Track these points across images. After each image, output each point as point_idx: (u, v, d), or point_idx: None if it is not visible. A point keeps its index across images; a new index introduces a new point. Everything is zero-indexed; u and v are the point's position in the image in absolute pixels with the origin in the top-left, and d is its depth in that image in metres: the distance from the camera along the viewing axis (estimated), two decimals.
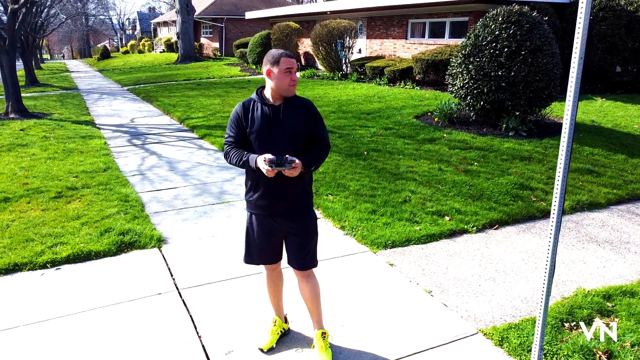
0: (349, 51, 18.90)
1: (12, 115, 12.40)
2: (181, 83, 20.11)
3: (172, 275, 4.26)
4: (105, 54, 44.28)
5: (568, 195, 6.23)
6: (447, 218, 5.43)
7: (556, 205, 2.78)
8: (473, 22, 15.18)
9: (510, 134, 8.68)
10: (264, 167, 2.72)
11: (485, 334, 3.46)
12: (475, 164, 7.27)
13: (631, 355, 3.23)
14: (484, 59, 8.54)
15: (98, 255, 4.60)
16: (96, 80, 25.37)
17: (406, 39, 17.94)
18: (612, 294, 4.01)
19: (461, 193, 6.13)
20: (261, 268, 3.64)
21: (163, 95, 16.50)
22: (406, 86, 14.96)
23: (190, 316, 3.65)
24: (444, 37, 16.39)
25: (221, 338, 3.39)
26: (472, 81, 8.72)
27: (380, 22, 19.19)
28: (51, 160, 8.07)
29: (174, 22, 47.29)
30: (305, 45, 24.02)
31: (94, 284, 4.13)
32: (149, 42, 47.65)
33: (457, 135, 8.68)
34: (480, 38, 8.69)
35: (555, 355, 3.25)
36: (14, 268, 4.37)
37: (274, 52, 2.85)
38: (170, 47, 43.82)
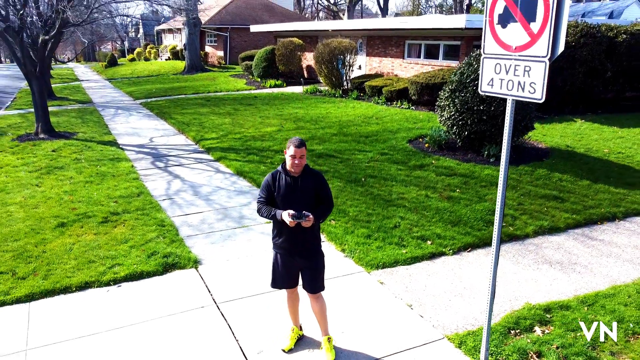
0: (349, 68, 20.07)
1: (41, 135, 13.58)
2: (191, 98, 21.28)
3: (209, 292, 5.44)
4: (113, 61, 45.48)
5: (532, 220, 7.40)
6: (429, 242, 6.60)
7: (495, 243, 3.96)
8: (465, 46, 16.36)
9: (491, 160, 9.85)
10: (287, 219, 3.89)
11: (449, 339, 4.64)
12: (458, 190, 8.44)
13: (555, 355, 4.41)
14: (467, 94, 9.71)
15: (149, 274, 5.79)
16: (108, 92, 26.53)
17: (403, 58, 19.11)
18: (552, 308, 5.19)
19: (442, 219, 7.30)
20: (282, 296, 4.81)
21: (176, 111, 17.67)
22: (402, 106, 16.13)
23: (228, 324, 4.83)
24: (438, 59, 17.56)
25: (253, 341, 4.57)
26: (457, 113, 9.90)
27: (379, 42, 20.37)
28: (89, 184, 9.25)
29: (179, 29, 48.52)
30: (308, 59, 25.20)
31: (150, 299, 5.32)
32: (154, 50, 48.84)
33: (444, 162, 9.85)
34: (464, 76, 9.86)
35: (499, 355, 4.42)
36: (85, 285, 5.55)
37: (292, 139, 4.02)
38: (175, 54, 45.01)
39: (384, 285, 5.59)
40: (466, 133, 9.99)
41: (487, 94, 3.94)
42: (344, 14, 46.77)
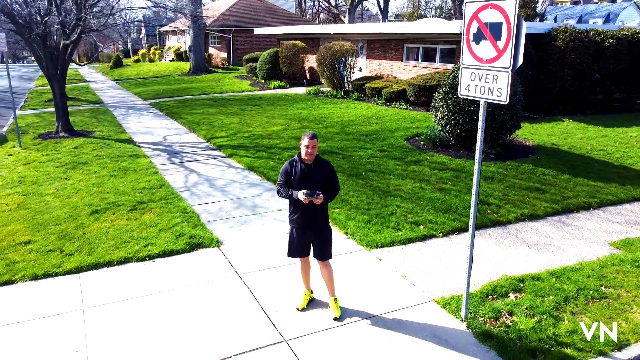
0: (350, 71, 20.96)
1: (62, 134, 14.48)
2: (198, 99, 22.17)
3: (232, 265, 6.33)
4: (118, 63, 46.36)
5: (515, 209, 8.29)
6: (421, 226, 7.49)
7: (472, 223, 4.84)
8: (460, 49, 17.22)
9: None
10: (302, 197, 4.77)
11: (436, 302, 5.53)
12: (449, 183, 9.34)
13: (523, 313, 5.29)
14: (459, 96, 10.58)
15: (178, 252, 6.68)
16: (116, 93, 27.40)
17: (402, 61, 20.01)
18: (525, 279, 6.07)
19: (434, 207, 8.19)
20: (296, 260, 5.68)
21: (185, 112, 18.56)
22: (401, 106, 17.03)
23: (250, 290, 5.72)
24: (435, 62, 18.45)
25: (271, 303, 5.46)
26: (450, 113, 10.79)
27: (379, 45, 21.26)
28: (113, 177, 10.15)
29: (182, 31, 49.43)
30: (310, 61, 26.09)
31: (181, 271, 6.21)
32: (159, 51, 49.74)
33: (438, 158, 10.74)
34: (457, 79, 10.74)
35: (477, 313, 5.31)
36: (124, 260, 6.44)
37: (306, 133, 4.90)
38: (179, 56, 45.91)
39: (381, 261, 6.48)
40: (458, 131, 10.88)
41: (465, 96, 4.84)
42: (344, 17, 47.68)
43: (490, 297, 5.68)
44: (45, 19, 12.97)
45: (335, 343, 4.83)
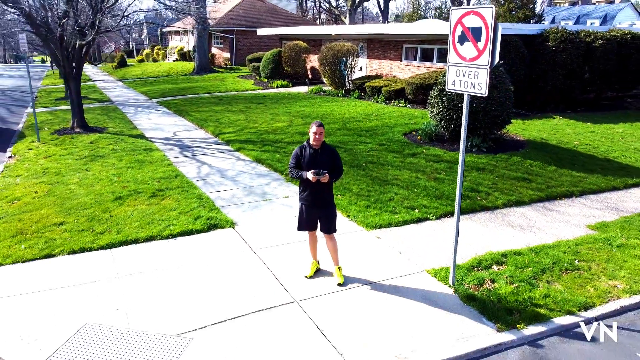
0: (351, 70, 21.71)
1: (77, 130, 15.23)
2: (204, 97, 22.94)
3: (246, 242, 7.09)
4: (123, 62, 47.12)
5: (503, 196, 9.04)
6: (416, 210, 8.24)
7: (457, 204, 5.60)
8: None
9: (474, 149, 11.49)
10: (310, 176, 5.51)
11: (427, 272, 6.28)
12: (443, 173, 10.09)
13: (504, 281, 6.04)
14: (453, 93, 11.34)
15: (197, 231, 7.43)
16: (123, 92, 28.14)
17: (401, 61, 20.76)
18: (508, 254, 6.82)
19: (429, 194, 8.94)
20: (304, 236, 6.42)
21: (192, 109, 19.31)
22: (399, 104, 17.78)
23: (263, 262, 6.48)
24: (433, 61, 19.20)
25: (283, 272, 6.21)
26: (445, 110, 11.54)
27: (379, 45, 22.02)
28: (131, 169, 10.90)
29: (186, 31, 50.21)
30: (312, 61, 26.84)
31: (201, 247, 6.96)
32: (162, 52, 50.48)
33: (433, 151, 11.50)
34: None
35: (463, 281, 6.05)
36: (150, 238, 7.20)
37: (314, 122, 5.64)
38: (183, 56, 46.68)
39: (380, 239, 7.23)
40: (452, 126, 11.63)
41: (451, 90, 5.59)
42: (345, 17, 48.39)
43: (475, 268, 6.43)
44: (63, 21, 13.72)
45: (339, 304, 5.58)
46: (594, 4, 67.75)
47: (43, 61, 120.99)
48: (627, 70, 18.15)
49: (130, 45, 74.38)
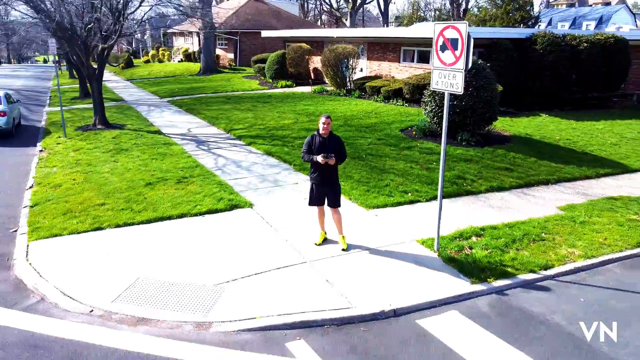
0: (352, 71, 22.94)
1: (99, 126, 16.47)
2: (212, 96, 24.17)
3: (263, 219, 8.33)
4: (129, 63, 48.34)
5: (486, 182, 10.27)
6: (409, 194, 9.48)
7: (440, 187, 6.84)
8: None
9: (463, 143, 12.73)
10: (320, 159, 6.75)
11: (417, 241, 7.52)
12: (434, 163, 11.32)
13: (479, 248, 7.28)
14: (431, 89, 12.57)
15: (221, 210, 8.67)
16: (134, 91, 29.36)
17: (399, 62, 22.00)
18: (485, 228, 8.06)
19: (421, 181, 10.18)
20: (314, 212, 7.64)
21: (202, 108, 20.55)
22: (397, 103, 19.02)
23: (280, 234, 7.72)
24: (429, 63, 20.41)
25: (296, 241, 7.45)
26: (437, 107, 12.77)
27: (379, 47, 23.26)
28: (155, 160, 12.14)
29: (190, 32, 51.42)
30: (315, 62, 28.07)
31: (225, 223, 8.20)
32: (167, 52, 51.72)
33: (426, 145, 12.73)
34: None
35: (446, 248, 7.29)
36: (181, 216, 8.44)
37: (323, 114, 6.88)
38: (188, 57, 47.91)
39: (377, 217, 8.47)
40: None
41: (435, 89, 6.82)
42: (346, 19, 49.58)
43: (457, 239, 7.66)
44: (89, 26, 14.97)
45: (343, 264, 6.82)
46: (590, 5, 68.96)
47: (45, 61, 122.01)
48: (611, 71, 19.36)
49: (134, 46, 75.51)
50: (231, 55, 43.71)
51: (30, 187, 10.41)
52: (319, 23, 77.59)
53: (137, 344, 5.14)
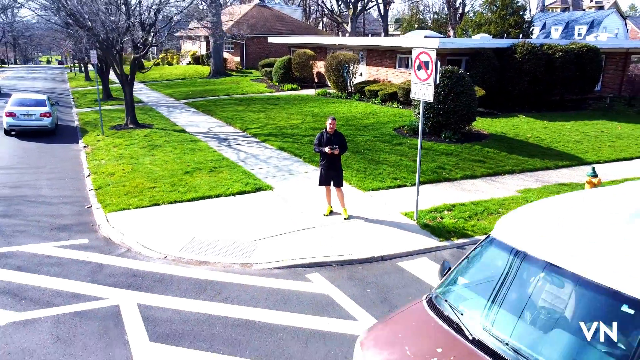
0: (353, 75, 25.25)
1: (130, 126, 18.80)
2: (225, 99, 26.49)
3: (282, 198, 10.66)
4: (140, 66, 50.58)
5: (462, 171, 12.57)
6: (398, 180, 11.79)
7: (418, 172, 9.17)
8: (440, 59, 21.48)
9: (446, 140, 15.03)
10: (327, 150, 9.07)
11: (401, 213, 9.84)
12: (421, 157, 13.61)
13: (448, 218, 9.60)
14: (411, 98, 14.85)
15: (248, 192, 10.99)
16: (150, 94, 31.68)
17: (395, 68, 24.31)
18: (456, 205, 10.37)
19: (408, 170, 12.48)
20: (322, 191, 9.94)
21: (217, 109, 22.87)
22: (393, 105, 21.32)
23: (296, 208, 10.05)
24: None
25: (309, 213, 9.78)
26: (424, 110, 15.05)
27: (377, 54, 25.57)
28: (186, 154, 14.46)
29: (198, 36, 53.73)
30: (318, 66, 30.38)
31: (253, 201, 10.52)
32: (177, 56, 54.00)
33: (415, 141, 15.03)
34: None
35: (423, 218, 9.60)
36: (217, 196, 10.77)
37: (329, 116, 9.20)
38: (196, 60, 50.23)
39: (372, 197, 10.79)
40: (430, 123, 15.17)
41: (413, 98, 9.13)
42: (347, 24, 51.81)
43: (432, 212, 9.97)
44: (125, 38, 17.30)
45: (345, 228, 9.13)
46: (584, 9, 71.11)
47: (48, 62, 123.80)
48: (585, 76, 21.64)
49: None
50: (238, 59, 46.02)
51: (89, 175, 12.75)
52: (320, 26, 79.91)
53: (202, 275, 7.45)
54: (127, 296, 6.75)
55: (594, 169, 10.26)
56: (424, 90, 8.83)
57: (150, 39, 17.36)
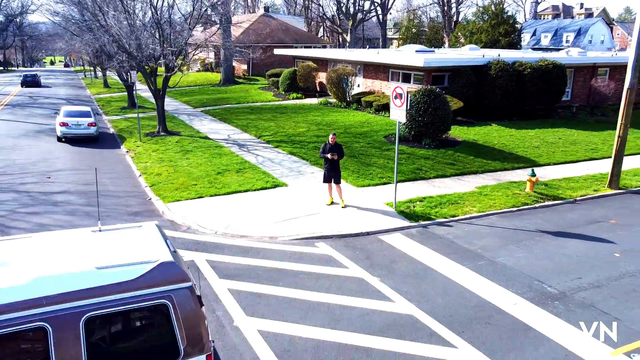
0: (351, 87, 28.61)
1: (162, 133, 22.18)
2: (237, 107, 29.86)
3: (295, 192, 14.06)
4: (166, 79, 53.88)
5: (435, 172, 15.95)
6: (384, 179, 15.17)
7: (395, 173, 12.59)
8: (427, 75, 24.85)
9: (425, 146, 18.42)
10: (329, 156, 12.48)
11: (384, 203, 13.23)
12: (404, 160, 16.99)
13: (419, 206, 12.99)
14: (412, 111, 18.25)
15: (269, 188, 14.38)
16: (167, 102, 34.28)
17: (388, 81, 27.68)
18: (426, 197, 13.76)
19: (393, 171, 15.83)
20: (325, 186, 13.31)
21: (232, 117, 26.24)
22: (385, 115, 24.68)
23: (305, 198, 13.45)
24: (410, 83, 26.10)
25: (314, 203, 13.17)
26: (409, 122, 18.44)
27: (372, 68, 28.95)
28: (215, 158, 17.84)
29: (207, 45, 57.16)
30: (320, 77, 33.77)
31: (272, 195, 13.91)
32: (188, 63, 57.29)
33: (401, 147, 18.41)
34: (412, 101, 18.40)
35: (400, 207, 12.99)
36: (245, 191, 14.16)
37: (331, 132, 12.60)
38: (205, 67, 53.65)
39: (363, 192, 14.18)
40: (413, 132, 18.54)
41: (392, 119, 12.53)
42: (347, 34, 55.13)
43: (407, 203, 13.34)
44: (158, 60, 20.69)
45: (342, 213, 12.51)
46: (573, 17, 74.37)
47: (52, 62, 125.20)
48: (551, 90, 24.99)
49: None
50: (245, 66, 49.42)
51: (140, 175, 16.14)
52: (321, 30, 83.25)
53: (244, 243, 10.83)
54: (198, 255, 10.14)
55: (533, 170, 13.75)
56: (399, 113, 12.22)
57: (180, 62, 20.69)
